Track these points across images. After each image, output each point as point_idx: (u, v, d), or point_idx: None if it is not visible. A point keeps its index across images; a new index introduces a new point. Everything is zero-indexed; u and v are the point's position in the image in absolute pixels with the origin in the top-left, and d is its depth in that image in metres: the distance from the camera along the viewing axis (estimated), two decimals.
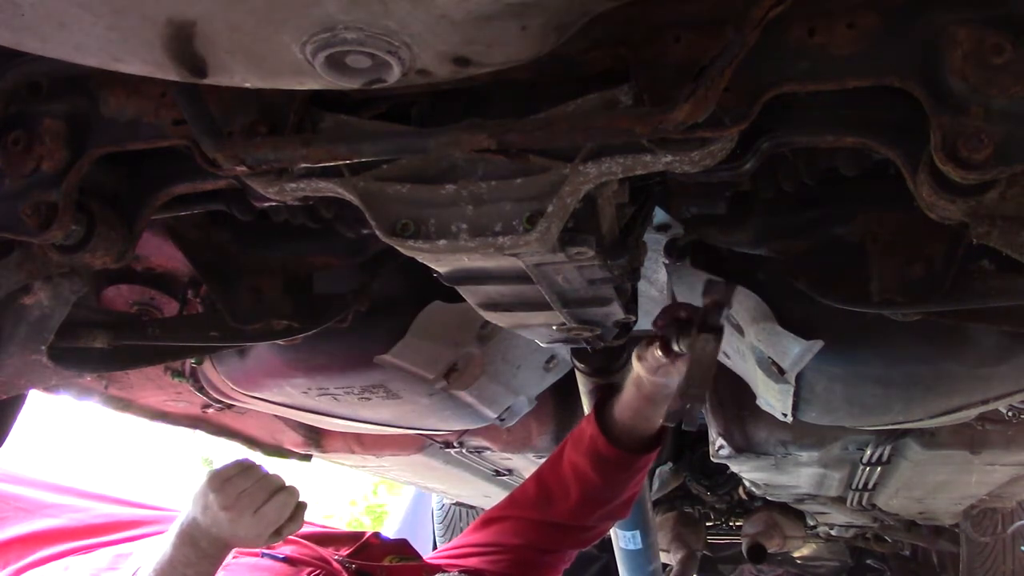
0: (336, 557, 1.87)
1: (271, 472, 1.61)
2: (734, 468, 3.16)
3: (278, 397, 2.15)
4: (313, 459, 3.31)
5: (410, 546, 2.10)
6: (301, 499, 1.61)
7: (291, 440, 3.02)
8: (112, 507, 2.07)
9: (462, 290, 1.38)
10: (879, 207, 1.39)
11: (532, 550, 1.95)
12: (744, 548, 4.78)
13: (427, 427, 2.47)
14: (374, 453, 3.12)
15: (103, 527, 1.96)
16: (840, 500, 3.80)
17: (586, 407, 2.27)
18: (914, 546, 5.36)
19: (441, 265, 1.26)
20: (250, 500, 1.54)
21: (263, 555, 1.77)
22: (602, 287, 1.38)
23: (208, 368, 2.22)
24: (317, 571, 1.77)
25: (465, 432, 2.90)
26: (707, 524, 5.39)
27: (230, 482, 1.55)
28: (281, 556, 1.78)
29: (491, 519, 2.03)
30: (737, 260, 1.58)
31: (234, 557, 1.72)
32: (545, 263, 1.24)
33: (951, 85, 0.96)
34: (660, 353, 1.64)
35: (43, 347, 1.50)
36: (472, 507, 5.27)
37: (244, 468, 1.58)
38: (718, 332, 1.51)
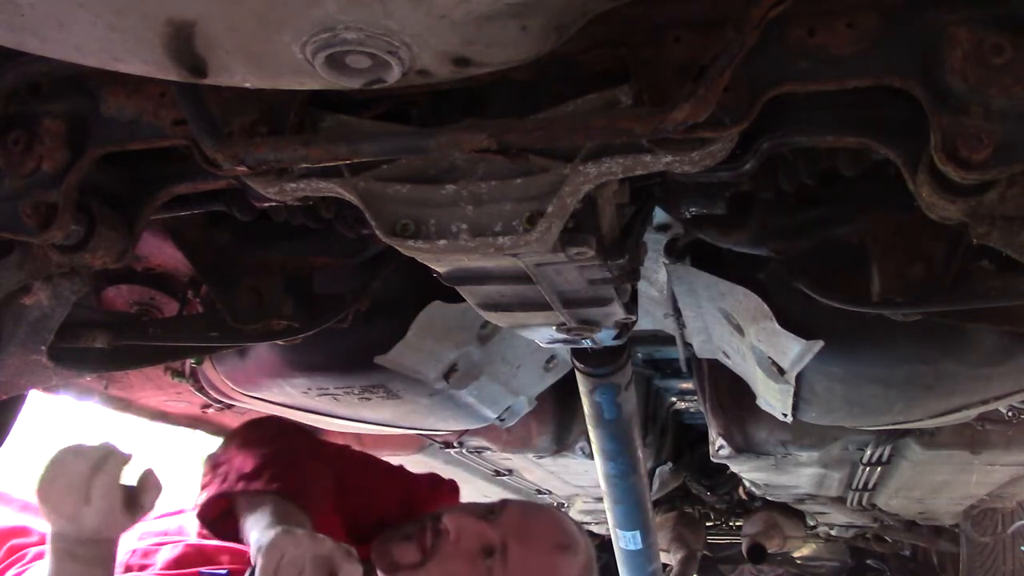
0: None
1: (90, 446, 1.50)
2: (734, 468, 3.16)
3: (278, 397, 2.15)
4: None
5: None
6: (124, 460, 1.51)
7: None
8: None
9: (462, 290, 1.38)
10: (879, 207, 1.39)
11: None
12: (744, 548, 4.79)
13: (427, 427, 2.47)
14: (374, 453, 3.12)
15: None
16: (840, 500, 3.80)
17: (586, 407, 2.28)
18: (914, 546, 5.37)
19: (441, 265, 1.26)
20: (68, 489, 1.45)
21: (200, 573, 1.72)
22: (602, 287, 1.38)
23: (208, 368, 2.22)
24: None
25: (465, 432, 2.90)
26: (707, 524, 5.40)
27: (48, 480, 1.47)
28: (223, 572, 1.72)
29: None
30: (737, 260, 1.58)
31: None
32: (545, 263, 1.24)
33: (951, 85, 0.96)
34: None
35: (43, 347, 1.50)
36: None
37: (57, 460, 1.48)
38: None
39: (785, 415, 2.02)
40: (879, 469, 3.05)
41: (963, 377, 1.69)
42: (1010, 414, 2.44)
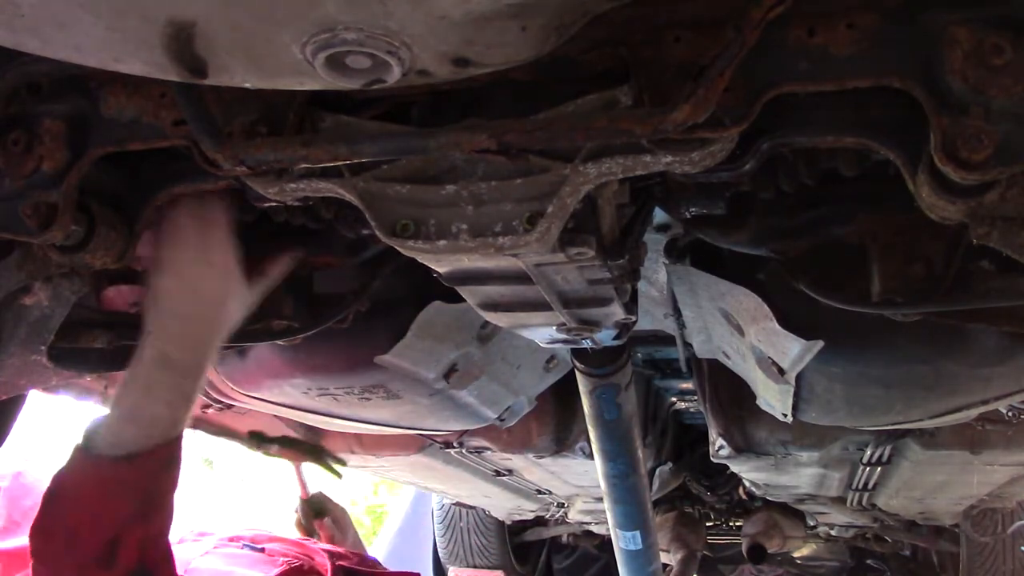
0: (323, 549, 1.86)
1: None
2: (734, 468, 3.16)
3: (278, 397, 2.15)
4: None
5: None
6: None
7: None
8: None
9: (462, 290, 1.38)
10: (879, 207, 1.39)
11: None
12: (744, 548, 4.79)
13: (427, 427, 2.47)
14: (374, 453, 3.12)
15: None
16: (840, 500, 3.80)
17: (586, 407, 2.28)
18: (914, 546, 5.37)
19: (441, 265, 1.26)
20: None
21: (243, 545, 1.75)
22: (602, 287, 1.38)
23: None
24: (297, 562, 1.77)
25: (465, 432, 2.90)
26: (707, 524, 5.40)
27: None
28: (259, 547, 1.75)
29: None
30: (737, 260, 1.58)
31: (214, 547, 1.69)
32: (545, 263, 1.24)
33: (951, 85, 0.96)
34: None
35: (43, 347, 1.50)
36: (472, 507, 5.27)
37: None
38: None
39: (785, 415, 2.01)
40: (879, 469, 3.04)
41: (963, 377, 1.69)
42: (1010, 414, 2.43)
